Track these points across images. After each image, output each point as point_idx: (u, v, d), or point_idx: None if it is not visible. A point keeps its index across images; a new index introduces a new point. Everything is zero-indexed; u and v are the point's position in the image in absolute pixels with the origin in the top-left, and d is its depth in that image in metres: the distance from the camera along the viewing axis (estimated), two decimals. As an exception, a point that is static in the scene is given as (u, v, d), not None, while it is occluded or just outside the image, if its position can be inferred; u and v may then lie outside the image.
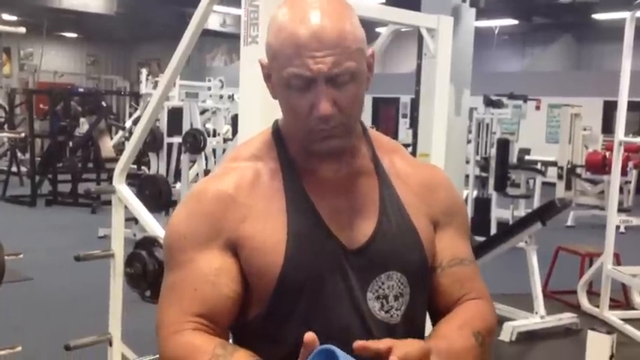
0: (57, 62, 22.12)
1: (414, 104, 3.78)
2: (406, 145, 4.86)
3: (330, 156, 1.17)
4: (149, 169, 8.54)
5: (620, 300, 5.75)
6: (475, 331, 1.16)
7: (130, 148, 3.95)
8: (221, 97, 8.74)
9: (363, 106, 1.16)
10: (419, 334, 1.20)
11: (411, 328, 1.17)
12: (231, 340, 1.19)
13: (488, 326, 1.20)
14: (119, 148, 10.63)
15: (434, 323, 1.24)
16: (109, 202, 4.02)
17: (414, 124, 3.97)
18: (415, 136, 3.91)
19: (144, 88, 8.76)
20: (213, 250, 1.13)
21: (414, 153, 3.78)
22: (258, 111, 2.65)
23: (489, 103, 8.65)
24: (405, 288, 1.16)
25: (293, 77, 1.09)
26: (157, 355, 3.64)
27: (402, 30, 3.87)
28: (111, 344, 3.88)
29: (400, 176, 1.23)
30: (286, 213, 1.14)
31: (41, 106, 13.46)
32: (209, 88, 8.67)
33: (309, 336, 0.96)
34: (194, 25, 3.09)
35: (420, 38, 3.62)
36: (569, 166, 10.72)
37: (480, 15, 10.70)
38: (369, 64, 1.15)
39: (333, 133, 1.11)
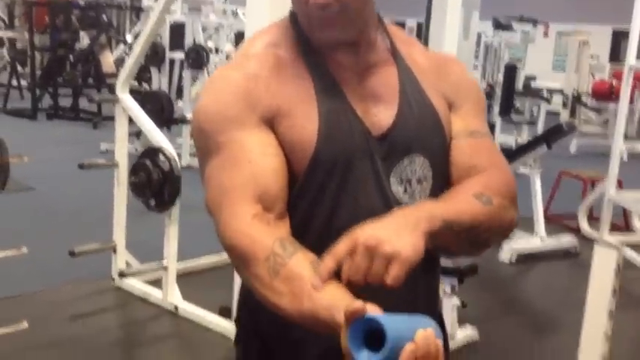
0: (56, -25, 21.58)
1: (424, 26, 3.68)
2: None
3: (336, 48, 1.15)
4: (150, 85, 8.44)
5: (620, 225, 5.78)
6: (476, 192, 1.12)
7: (132, 58, 3.89)
8: (224, 12, 8.56)
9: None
10: None
11: None
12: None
13: (495, 187, 1.14)
14: (120, 63, 10.47)
15: None
16: (111, 118, 4.00)
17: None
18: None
19: (145, 2, 8.55)
20: (252, 126, 1.09)
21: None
22: (266, 23, 2.58)
23: (498, 25, 8.50)
24: (427, 172, 1.16)
25: None
26: (162, 262, 3.66)
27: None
28: (115, 251, 3.92)
29: (417, 64, 1.22)
30: (315, 94, 1.12)
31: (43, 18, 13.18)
32: (212, 3, 8.47)
33: (356, 306, 0.88)
34: None
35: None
36: (574, 93, 10.63)
37: None
38: None
39: (331, 21, 1.10)
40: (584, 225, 5.62)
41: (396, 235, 0.97)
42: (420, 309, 1.16)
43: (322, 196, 1.11)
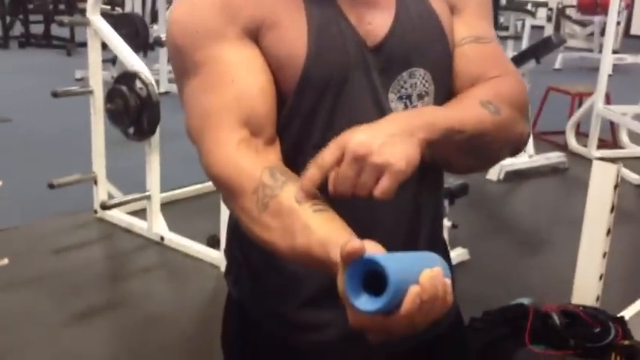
0: None
1: None
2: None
3: None
4: (123, 9, 8.14)
5: (608, 141, 5.73)
6: (483, 100, 1.00)
7: (104, -25, 3.67)
8: None
9: None
10: None
11: None
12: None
13: (505, 96, 1.02)
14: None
15: None
16: (85, 44, 3.81)
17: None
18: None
19: None
20: (234, 39, 0.95)
21: None
22: None
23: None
24: (429, 86, 1.02)
25: None
26: (146, 193, 3.57)
27: None
28: (96, 183, 3.80)
29: None
30: (302, 2, 0.98)
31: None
32: None
33: (354, 245, 0.75)
34: None
35: None
36: (559, 7, 10.42)
37: None
38: None
39: None
40: (571, 141, 5.57)
41: (389, 142, 0.86)
42: (423, 236, 1.07)
43: (315, 117, 0.98)
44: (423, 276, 0.75)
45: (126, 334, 2.81)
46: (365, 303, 0.75)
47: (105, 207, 3.66)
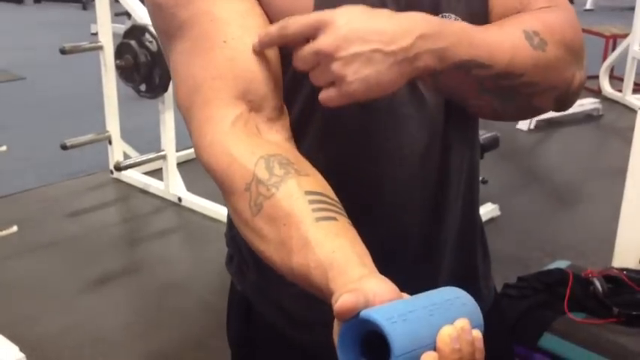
0: None
1: None
2: None
3: None
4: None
5: (643, 84, 5.47)
6: (528, 29, 0.81)
7: None
8: None
9: None
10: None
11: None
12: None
13: (557, 30, 0.82)
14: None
15: None
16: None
17: None
18: None
19: None
20: None
21: None
22: None
23: None
24: None
25: None
26: (161, 152, 3.44)
27: None
28: (110, 142, 3.67)
29: None
30: None
31: None
32: None
33: (346, 303, 0.57)
34: None
35: None
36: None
37: None
38: None
39: None
40: (605, 85, 5.31)
41: (365, 58, 0.69)
42: (451, 212, 0.91)
43: None
44: (441, 337, 0.57)
45: (143, 300, 2.71)
46: None
47: (119, 168, 3.54)
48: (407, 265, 0.88)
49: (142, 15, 3.36)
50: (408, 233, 0.88)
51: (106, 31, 3.61)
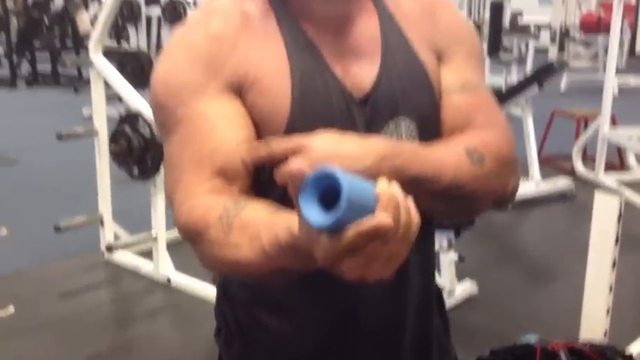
0: None
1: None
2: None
3: None
4: (129, 43, 8.23)
5: (616, 164, 5.70)
6: (469, 147, 0.97)
7: (103, 17, 3.70)
8: (201, -36, 8.30)
9: None
10: None
11: None
12: None
13: (493, 147, 0.99)
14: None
15: None
16: (91, 80, 3.85)
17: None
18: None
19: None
20: (215, 94, 0.96)
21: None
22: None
23: (482, -37, 8.25)
24: (415, 136, 1.01)
25: None
26: (151, 231, 3.55)
27: None
28: (102, 224, 3.81)
29: (401, 9, 1.06)
30: (286, 55, 0.98)
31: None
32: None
33: (295, 166, 0.71)
34: None
35: None
36: (562, 28, 10.44)
37: None
38: None
39: None
40: (578, 166, 5.54)
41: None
42: (413, 284, 1.06)
43: None
44: (380, 185, 0.70)
45: (133, 379, 2.79)
46: (316, 216, 0.67)
47: (111, 249, 3.66)
48: (367, 337, 1.04)
49: (136, 103, 3.55)
50: (369, 306, 1.04)
51: (101, 116, 3.80)
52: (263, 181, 0.96)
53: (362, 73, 1.00)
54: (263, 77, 0.96)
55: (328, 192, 0.66)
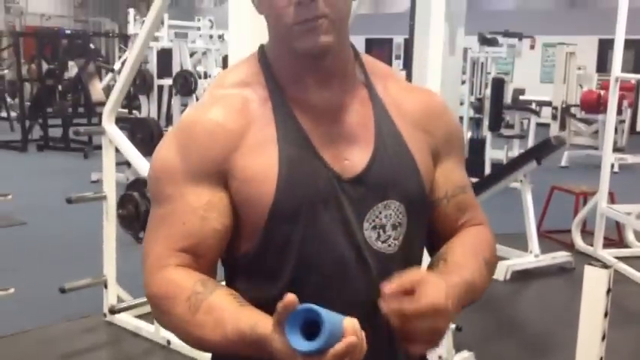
0: (44, 5, 21.61)
1: (408, 44, 3.69)
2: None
3: (316, 60, 1.09)
4: (140, 112, 8.44)
5: (614, 238, 5.77)
6: (487, 259, 1.16)
7: (118, 88, 3.87)
8: (211, 37, 8.59)
9: (351, 10, 1.11)
10: (416, 263, 1.16)
11: (408, 257, 1.13)
12: (223, 280, 1.15)
13: (493, 252, 1.21)
14: (109, 91, 10.45)
15: (434, 247, 1.21)
16: (101, 147, 3.98)
17: (407, 64, 3.89)
18: (409, 75, 3.83)
19: (132, 29, 8.57)
20: (204, 183, 1.08)
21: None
22: (248, 49, 2.57)
23: (484, 41, 8.51)
24: (403, 217, 1.12)
25: None
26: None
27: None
28: (106, 286, 3.87)
29: (395, 102, 1.18)
30: (277, 142, 1.09)
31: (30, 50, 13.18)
32: (198, 28, 8.51)
33: (290, 297, 0.89)
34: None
35: (415, -28, 3.51)
36: (563, 105, 10.65)
37: (475, -49, 10.46)
38: None
39: (316, 25, 1.05)
40: (577, 240, 5.61)
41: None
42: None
43: (286, 252, 1.08)
44: (347, 321, 0.91)
45: None
46: (300, 343, 0.88)
47: (114, 311, 3.72)
48: None
49: (144, 169, 3.67)
50: None
51: (110, 181, 3.91)
52: (256, 252, 1.10)
53: (354, 158, 1.11)
54: (252, 164, 1.08)
55: (307, 321, 0.89)
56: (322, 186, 1.08)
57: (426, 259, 1.22)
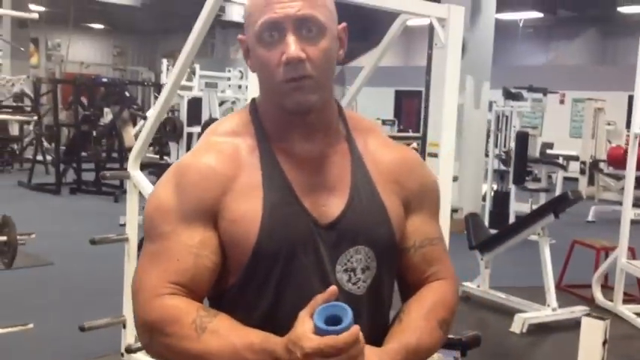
0: (84, 53, 22.37)
1: (425, 94, 3.81)
2: (418, 138, 4.81)
3: (302, 116, 1.20)
4: (170, 158, 8.65)
5: (635, 294, 5.71)
6: (440, 320, 1.24)
7: (144, 134, 4.02)
8: (240, 87, 8.82)
9: (334, 71, 1.22)
10: (382, 305, 1.25)
11: (375, 299, 1.23)
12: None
13: (451, 311, 1.28)
14: (142, 138, 10.68)
15: (404, 296, 1.30)
16: (128, 191, 4.11)
17: (425, 117, 4.00)
18: (425, 125, 3.94)
19: (164, 79, 8.86)
20: (197, 223, 1.18)
21: (424, 142, 3.83)
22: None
23: (508, 95, 8.61)
24: (372, 262, 1.22)
25: (263, 28, 1.16)
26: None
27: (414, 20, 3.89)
28: (124, 326, 3.96)
29: (373, 155, 1.28)
30: (262, 187, 1.19)
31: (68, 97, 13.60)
32: (229, 79, 8.75)
33: (333, 289, 1.06)
34: (205, 13, 3.15)
35: (431, 29, 3.64)
36: (591, 160, 10.62)
37: (503, 7, 10.65)
38: (341, 39, 1.22)
39: (303, 85, 1.16)
40: (598, 295, 5.56)
41: None
42: None
43: (265, 288, 1.18)
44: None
45: None
46: (328, 328, 1.05)
47: (130, 350, 3.80)
48: None
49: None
50: None
51: (133, 224, 4.03)
52: (236, 288, 1.20)
53: (331, 205, 1.22)
54: (238, 207, 1.19)
55: (328, 315, 1.06)
56: (302, 230, 1.18)
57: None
